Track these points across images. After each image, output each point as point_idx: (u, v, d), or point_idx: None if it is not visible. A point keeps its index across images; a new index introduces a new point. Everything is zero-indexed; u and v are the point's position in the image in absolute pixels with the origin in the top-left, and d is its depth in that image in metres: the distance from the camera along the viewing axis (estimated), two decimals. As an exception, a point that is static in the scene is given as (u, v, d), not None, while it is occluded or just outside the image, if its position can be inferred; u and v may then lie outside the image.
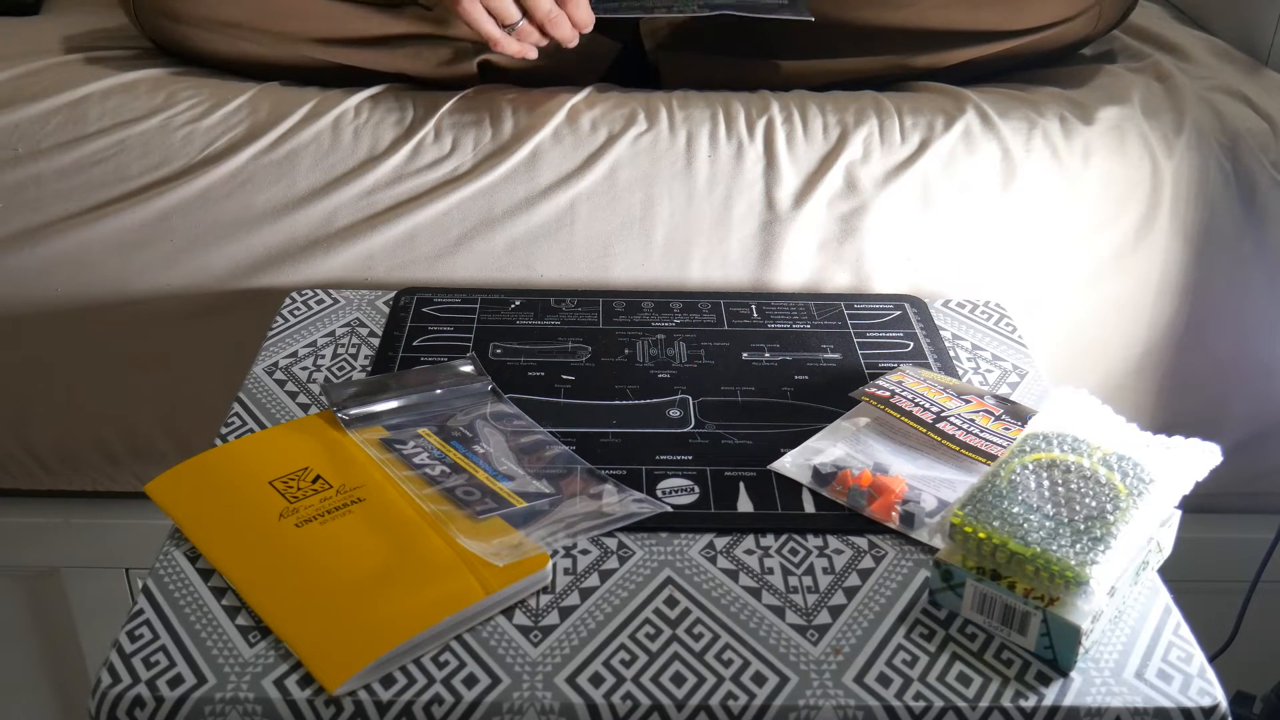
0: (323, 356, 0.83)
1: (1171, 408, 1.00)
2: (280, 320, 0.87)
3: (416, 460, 0.70)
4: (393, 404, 0.75)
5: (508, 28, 0.88)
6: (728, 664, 0.58)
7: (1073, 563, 0.56)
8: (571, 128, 0.91)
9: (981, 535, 0.59)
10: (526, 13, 0.88)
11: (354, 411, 0.74)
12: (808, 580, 0.63)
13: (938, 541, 0.65)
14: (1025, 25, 0.98)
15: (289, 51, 0.94)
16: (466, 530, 0.64)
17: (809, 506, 0.69)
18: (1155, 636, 0.60)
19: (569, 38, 0.91)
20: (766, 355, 0.84)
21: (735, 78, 0.98)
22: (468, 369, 0.80)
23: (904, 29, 0.92)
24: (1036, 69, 1.03)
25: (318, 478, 0.68)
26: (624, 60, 1.02)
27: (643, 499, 0.68)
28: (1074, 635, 0.57)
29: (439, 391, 0.77)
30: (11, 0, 1.13)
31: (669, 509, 0.67)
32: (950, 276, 0.94)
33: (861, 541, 0.67)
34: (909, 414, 0.75)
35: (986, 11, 0.97)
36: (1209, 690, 0.57)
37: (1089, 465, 0.62)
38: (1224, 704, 0.57)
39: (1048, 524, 0.59)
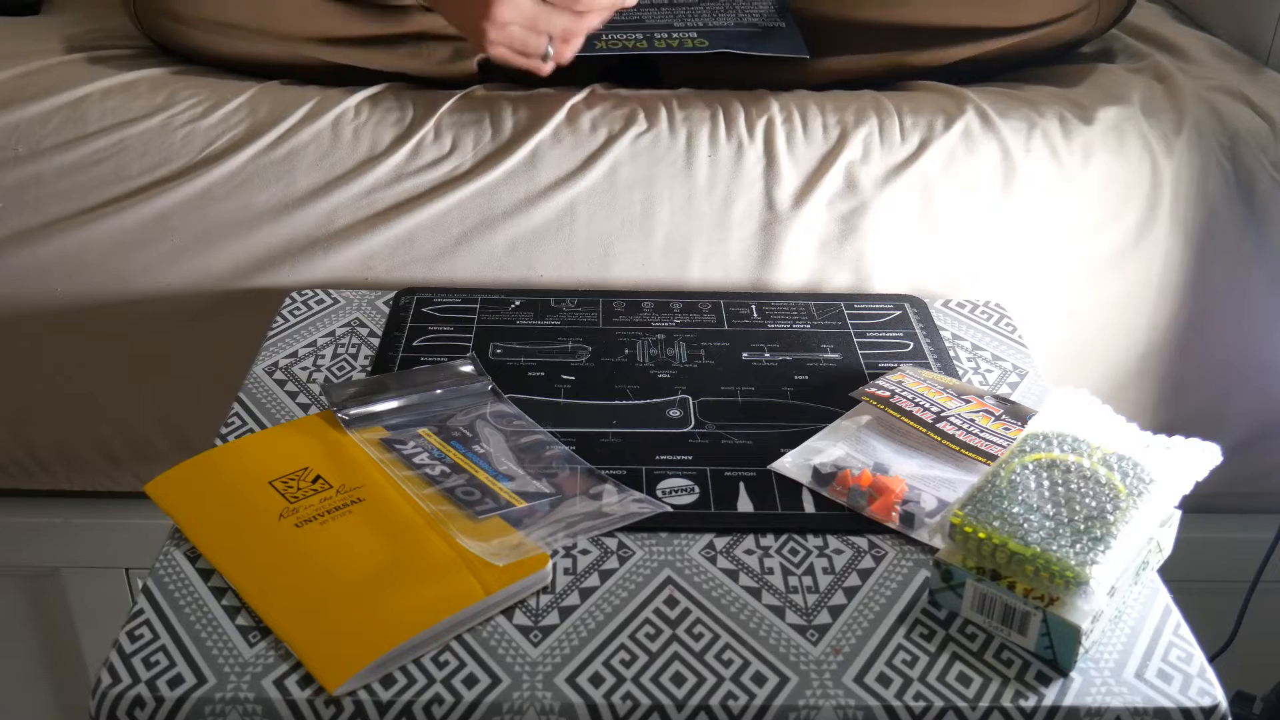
0: (323, 356, 0.83)
1: (1171, 407, 1.00)
2: (280, 320, 0.87)
3: (416, 460, 0.70)
4: (393, 404, 0.75)
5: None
6: (728, 664, 0.58)
7: (1073, 563, 0.56)
8: (571, 128, 0.91)
9: (981, 535, 0.59)
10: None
11: (354, 411, 0.74)
12: (808, 580, 0.63)
13: (938, 541, 0.65)
14: (1023, 22, 0.98)
15: (288, 51, 0.94)
16: (466, 530, 0.64)
17: (809, 506, 0.69)
18: (1155, 636, 0.60)
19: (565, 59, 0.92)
20: (766, 355, 0.84)
21: (735, 77, 0.98)
22: (468, 369, 0.80)
23: (902, 25, 0.93)
24: (1036, 67, 1.03)
25: (318, 478, 0.68)
26: (624, 60, 1.02)
27: (643, 499, 0.68)
28: (1074, 635, 0.57)
29: (439, 391, 0.77)
30: (11, 0, 1.12)
31: (669, 509, 0.67)
32: (950, 276, 0.94)
33: (861, 541, 0.67)
34: (909, 414, 0.75)
35: (984, 8, 0.97)
36: (1209, 690, 0.57)
37: (1089, 465, 0.62)
38: (1224, 704, 0.57)
39: (1048, 524, 0.59)
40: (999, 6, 0.97)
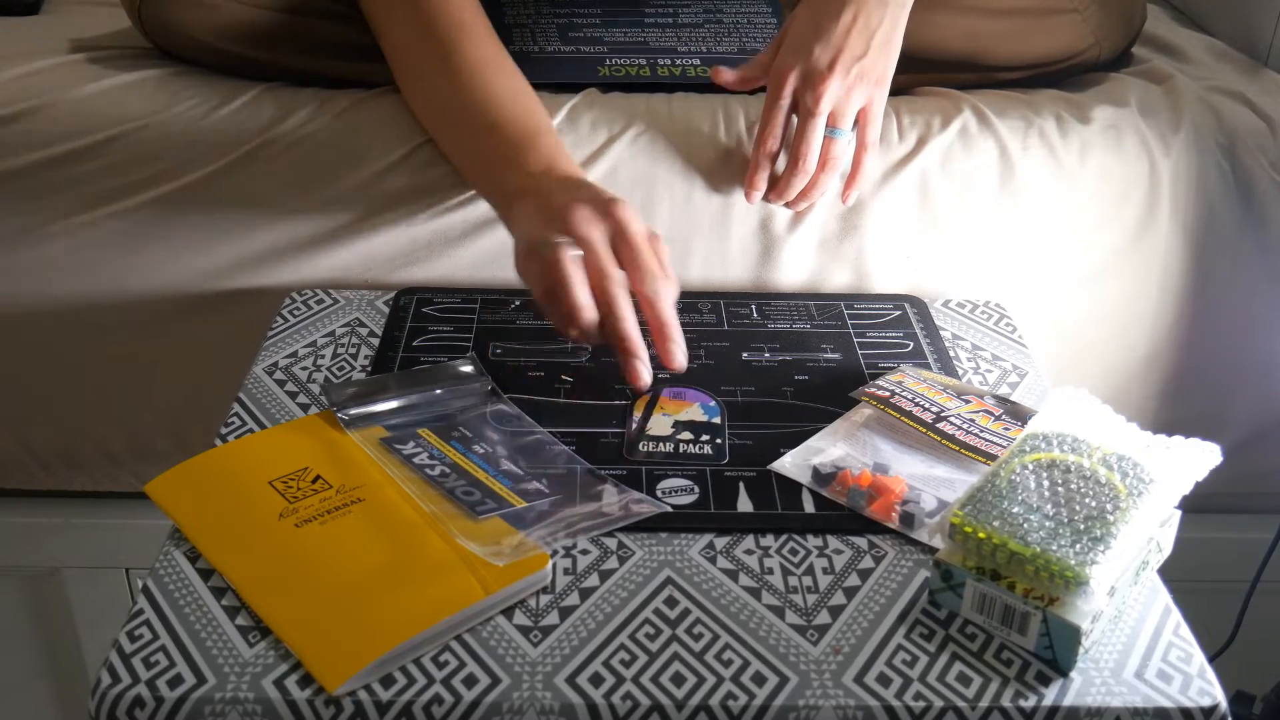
0: (323, 356, 0.83)
1: (1171, 407, 1.00)
2: (280, 320, 0.87)
3: (416, 460, 0.70)
4: (393, 404, 0.75)
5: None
6: (728, 664, 0.58)
7: (1073, 563, 0.56)
8: (571, 128, 0.91)
9: (981, 535, 0.59)
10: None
11: (354, 411, 0.74)
12: (807, 580, 0.63)
13: (938, 541, 0.65)
14: (1028, 61, 0.99)
15: (291, 62, 0.94)
16: (466, 530, 0.64)
17: (809, 506, 0.69)
18: (1155, 636, 0.60)
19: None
20: (766, 355, 0.84)
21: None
22: (468, 369, 0.80)
23: (908, 55, 0.92)
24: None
25: (317, 478, 0.68)
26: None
27: (642, 499, 0.68)
28: (1074, 635, 0.57)
29: (439, 391, 0.77)
30: (11, 0, 1.12)
31: (669, 509, 0.67)
32: (950, 275, 0.94)
33: (861, 541, 0.67)
34: (909, 414, 0.75)
35: (990, 43, 0.97)
36: (1209, 690, 0.57)
37: (1089, 465, 0.62)
38: (1224, 704, 0.57)
39: (1048, 524, 0.59)
40: (1004, 44, 0.98)
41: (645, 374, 0.73)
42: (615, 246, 0.75)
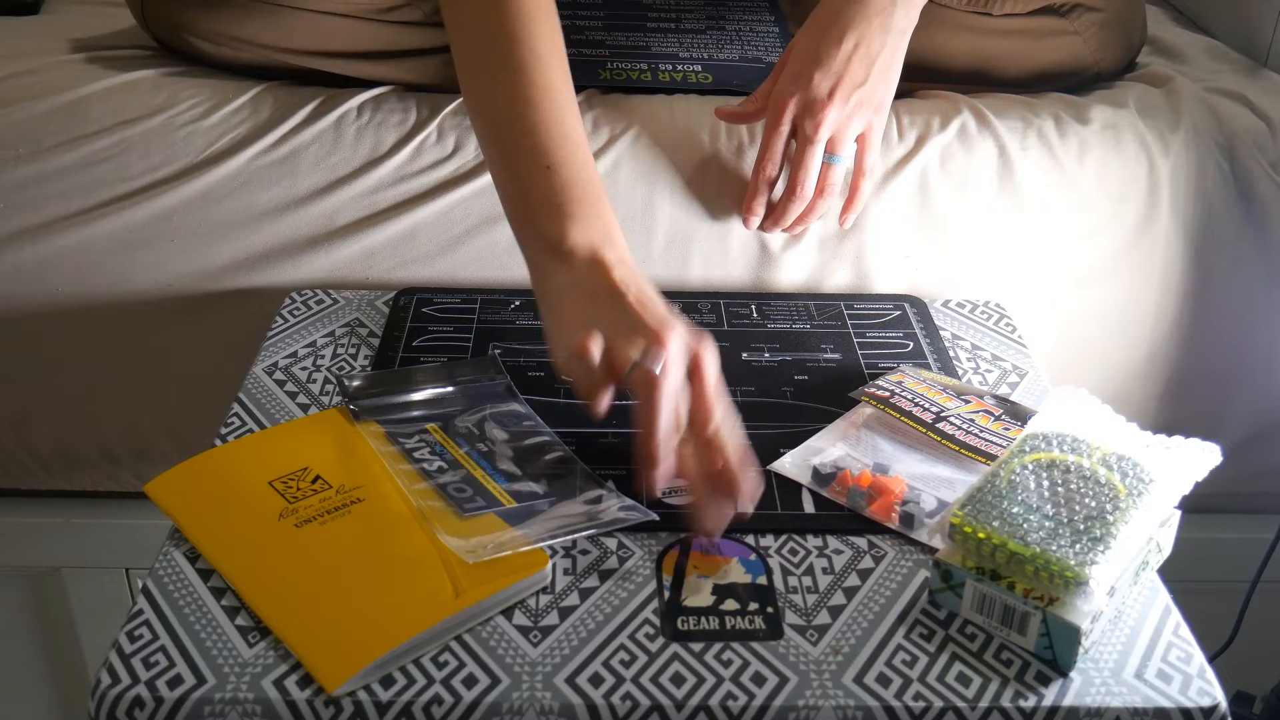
0: (322, 357, 0.83)
1: (1171, 407, 1.00)
2: (280, 320, 0.87)
3: (416, 455, 0.70)
4: (405, 398, 0.75)
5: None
6: (727, 664, 0.58)
7: (1072, 563, 0.56)
8: (572, 127, 0.91)
9: (981, 535, 0.59)
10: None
11: (365, 403, 0.74)
12: (807, 580, 0.63)
13: (937, 542, 0.65)
14: (1028, 78, 0.99)
15: (294, 61, 0.94)
16: (450, 527, 0.64)
17: (809, 507, 0.69)
18: (1155, 636, 0.60)
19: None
20: (766, 355, 0.84)
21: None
22: (486, 367, 0.80)
23: (910, 65, 0.92)
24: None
25: (317, 478, 0.68)
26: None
27: (631, 506, 0.67)
28: (1074, 635, 0.57)
29: (452, 389, 0.77)
30: (11, 0, 1.13)
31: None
32: (949, 275, 0.94)
33: (861, 542, 0.67)
34: (909, 414, 0.75)
35: (993, 61, 0.98)
36: (1209, 690, 0.57)
37: (1089, 465, 0.62)
38: (1224, 704, 0.57)
39: (1047, 524, 0.59)
40: (1006, 63, 0.98)
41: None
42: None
